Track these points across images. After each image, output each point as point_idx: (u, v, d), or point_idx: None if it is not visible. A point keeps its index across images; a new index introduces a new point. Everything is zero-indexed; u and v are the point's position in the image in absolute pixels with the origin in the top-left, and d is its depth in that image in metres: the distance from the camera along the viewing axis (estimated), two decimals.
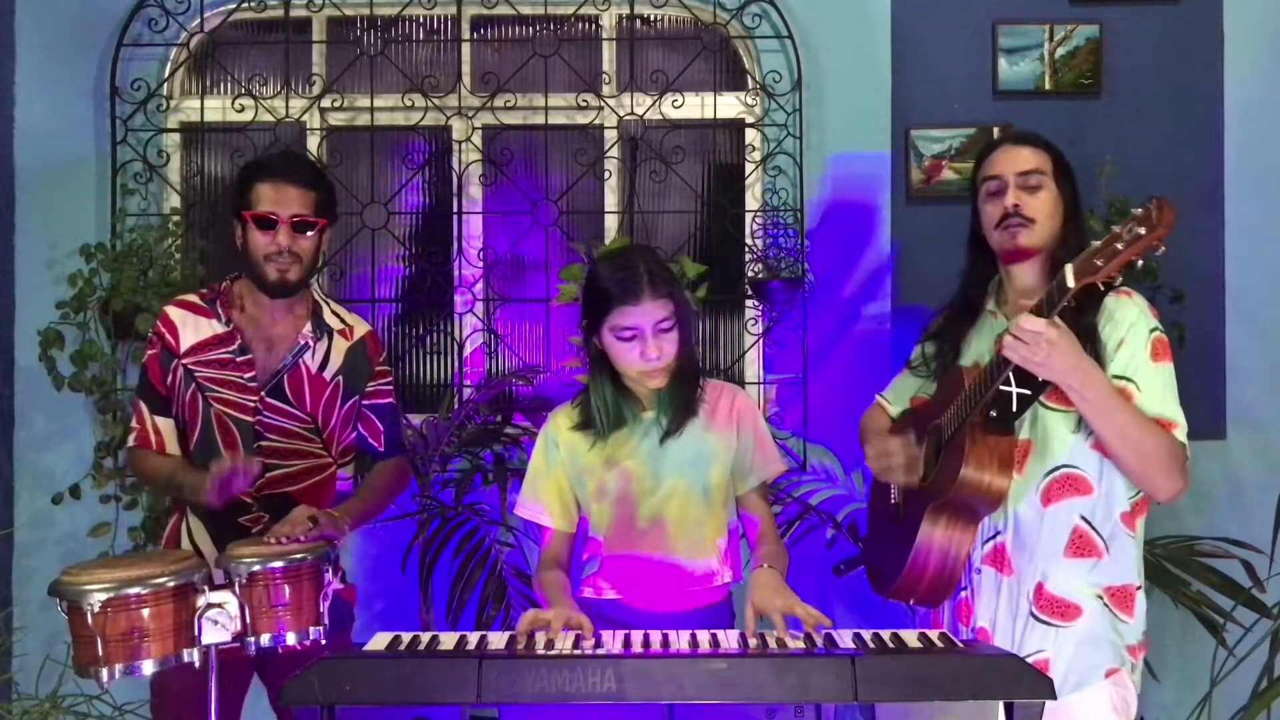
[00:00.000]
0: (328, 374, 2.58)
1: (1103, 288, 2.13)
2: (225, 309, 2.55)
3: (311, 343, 2.57)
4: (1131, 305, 2.20)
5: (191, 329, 2.54)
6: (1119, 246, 1.90)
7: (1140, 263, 1.92)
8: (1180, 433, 2.15)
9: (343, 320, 2.65)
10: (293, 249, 2.48)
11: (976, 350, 2.32)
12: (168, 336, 2.54)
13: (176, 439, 2.55)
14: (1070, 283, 1.95)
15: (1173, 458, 2.12)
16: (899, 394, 2.50)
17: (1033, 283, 2.27)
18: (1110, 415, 2.09)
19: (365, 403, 2.64)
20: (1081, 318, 2.12)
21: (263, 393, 2.52)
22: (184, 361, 2.52)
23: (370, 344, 2.66)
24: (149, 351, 2.57)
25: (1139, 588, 2.21)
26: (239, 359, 2.52)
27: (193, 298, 2.61)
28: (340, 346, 2.60)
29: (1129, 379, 2.14)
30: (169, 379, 2.53)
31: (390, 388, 2.69)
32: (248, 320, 2.56)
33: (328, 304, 2.66)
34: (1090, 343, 2.13)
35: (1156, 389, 2.15)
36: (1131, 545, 2.20)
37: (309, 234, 2.51)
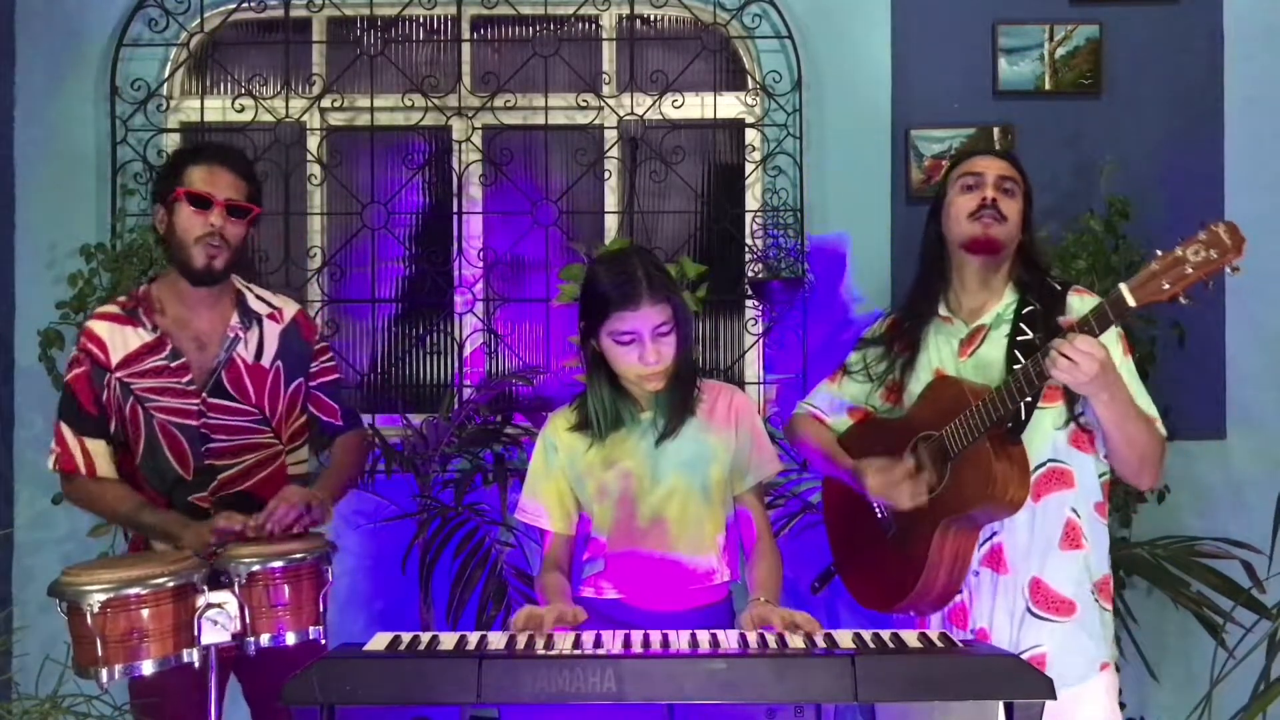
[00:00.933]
0: (265, 361, 2.53)
1: (1060, 287, 2.29)
2: (148, 315, 2.48)
3: (241, 333, 2.52)
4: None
5: (120, 341, 2.46)
6: (1187, 270, 1.94)
7: (1210, 284, 1.96)
8: (1160, 426, 2.23)
9: (269, 304, 2.59)
10: (224, 233, 2.42)
11: (936, 356, 2.35)
12: (96, 352, 2.45)
13: (110, 460, 2.47)
14: (1130, 302, 1.98)
15: (1160, 454, 2.22)
16: (834, 402, 2.50)
17: (989, 286, 2.34)
18: (1127, 421, 2.15)
19: (312, 384, 2.61)
20: (1050, 318, 2.19)
21: (204, 394, 2.46)
22: (118, 375, 2.44)
23: (303, 324, 2.63)
24: (75, 370, 2.46)
25: (1108, 575, 2.29)
26: (173, 364, 2.45)
27: (113, 309, 2.51)
28: (272, 331, 2.56)
29: None
30: (103, 395, 2.45)
31: (333, 363, 2.68)
32: (172, 323, 2.48)
33: (250, 289, 2.60)
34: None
35: (1136, 386, 2.22)
36: (1103, 534, 2.28)
37: (241, 220, 2.46)
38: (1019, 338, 2.24)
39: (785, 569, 2.33)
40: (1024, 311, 2.27)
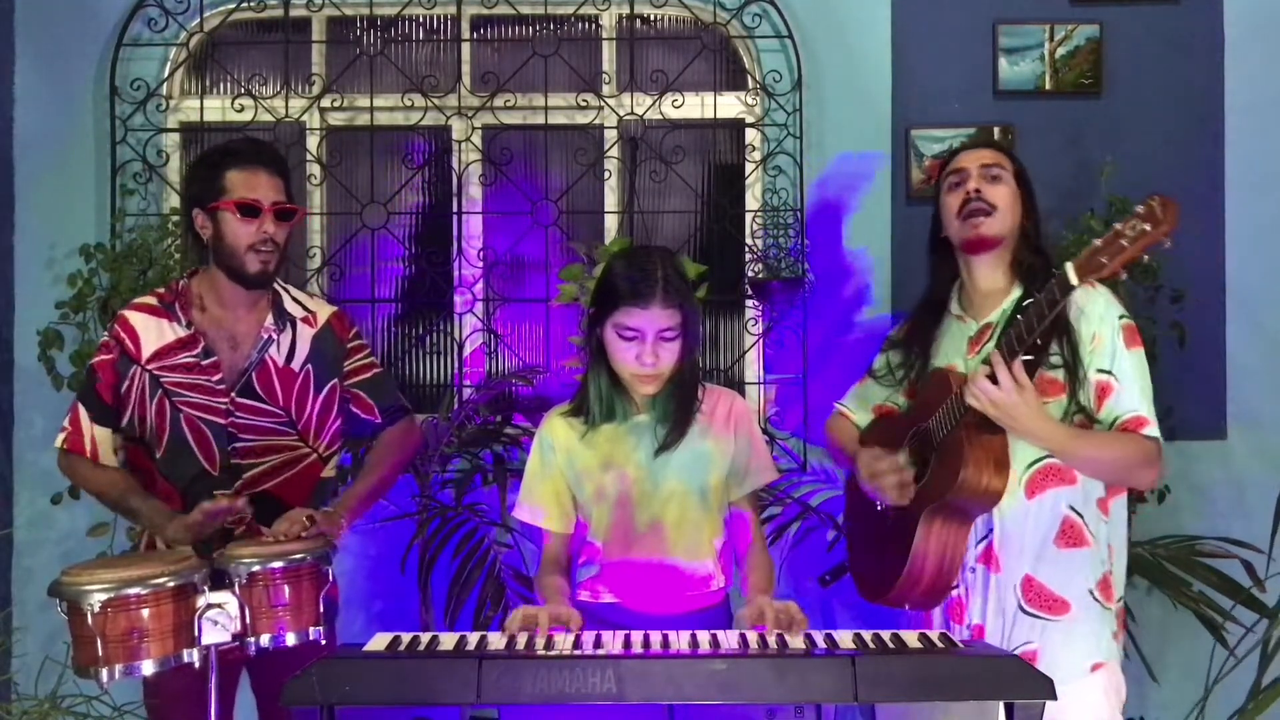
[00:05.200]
0: (295, 364, 2.52)
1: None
2: (184, 310, 2.47)
3: (275, 335, 2.51)
4: (1099, 296, 2.25)
5: (154, 334, 2.46)
6: (1124, 244, 1.95)
7: (1146, 258, 1.96)
8: (1151, 429, 2.19)
9: (304, 307, 2.58)
10: (274, 238, 2.42)
11: (945, 353, 2.35)
12: (127, 342, 2.45)
13: (111, 450, 2.49)
14: (1074, 280, 1.99)
15: (1143, 458, 2.19)
16: (862, 402, 2.53)
17: (995, 281, 2.33)
18: (1075, 453, 2.16)
19: (348, 383, 2.59)
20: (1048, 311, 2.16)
21: (233, 393, 2.46)
22: (148, 368, 2.44)
23: (336, 325, 2.60)
24: (103, 356, 2.47)
25: (1111, 572, 2.27)
26: (204, 362, 2.45)
27: (150, 300, 2.51)
28: (305, 335, 2.55)
29: (1110, 372, 2.20)
30: (124, 386, 2.45)
31: (370, 359, 2.64)
32: (209, 320, 2.48)
33: (287, 291, 2.59)
34: (1065, 336, 2.19)
35: (1135, 383, 2.20)
36: (1106, 530, 2.26)
37: (287, 222, 2.46)
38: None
39: (787, 575, 2.33)
40: (1022, 304, 2.26)
